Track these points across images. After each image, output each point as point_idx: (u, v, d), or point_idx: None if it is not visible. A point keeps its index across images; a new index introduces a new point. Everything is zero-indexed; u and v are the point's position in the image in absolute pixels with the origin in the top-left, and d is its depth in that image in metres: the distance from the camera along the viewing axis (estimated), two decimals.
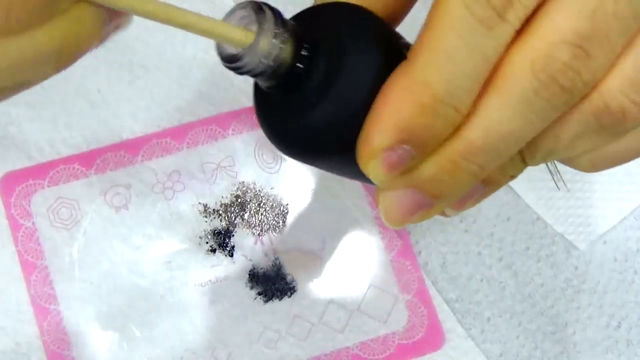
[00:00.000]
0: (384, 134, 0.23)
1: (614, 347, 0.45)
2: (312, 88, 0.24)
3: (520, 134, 0.23)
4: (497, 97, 0.22)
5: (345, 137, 0.24)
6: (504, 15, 0.22)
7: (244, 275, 0.44)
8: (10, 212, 0.44)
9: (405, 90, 0.22)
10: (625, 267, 0.46)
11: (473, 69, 0.22)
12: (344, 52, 0.24)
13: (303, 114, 0.24)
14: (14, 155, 0.45)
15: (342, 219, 0.45)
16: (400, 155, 0.23)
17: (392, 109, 0.22)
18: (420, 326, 0.44)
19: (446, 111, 0.22)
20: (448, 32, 0.22)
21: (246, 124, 0.46)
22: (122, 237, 0.44)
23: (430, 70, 0.22)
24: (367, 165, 0.23)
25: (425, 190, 0.24)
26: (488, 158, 0.23)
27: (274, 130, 0.26)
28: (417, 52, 0.22)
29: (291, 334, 0.44)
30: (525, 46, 0.22)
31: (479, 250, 0.46)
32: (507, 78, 0.22)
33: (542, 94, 0.22)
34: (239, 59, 0.23)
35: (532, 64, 0.22)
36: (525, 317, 0.45)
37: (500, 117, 0.22)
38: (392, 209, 0.25)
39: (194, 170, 0.45)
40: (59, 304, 0.43)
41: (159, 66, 0.46)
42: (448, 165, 0.23)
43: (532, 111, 0.22)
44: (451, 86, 0.22)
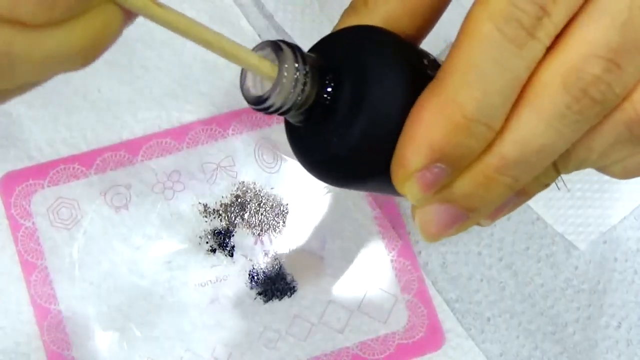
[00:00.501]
0: (418, 155, 0.23)
1: (614, 347, 0.45)
2: (340, 117, 0.24)
3: (553, 147, 0.23)
4: (529, 112, 0.23)
5: (379, 159, 0.24)
6: (534, 33, 0.22)
7: (244, 275, 0.44)
8: (10, 212, 0.44)
9: (436, 110, 0.23)
10: (625, 267, 0.46)
11: (504, 87, 0.22)
12: (367, 78, 0.24)
13: (336, 142, 0.25)
14: (14, 155, 0.45)
15: (342, 219, 0.45)
16: (435, 174, 0.23)
17: (425, 129, 0.23)
18: (420, 326, 0.44)
19: (479, 129, 0.23)
20: (479, 53, 0.22)
21: (246, 124, 0.46)
22: (122, 237, 0.44)
23: (461, 90, 0.22)
24: (404, 187, 0.24)
25: (461, 205, 0.25)
26: (522, 171, 0.24)
27: (309, 161, 0.26)
28: (448, 72, 0.23)
29: (291, 334, 0.44)
30: (556, 61, 0.22)
31: (479, 250, 0.46)
32: (538, 93, 0.23)
33: (574, 107, 0.22)
34: (265, 99, 0.24)
35: (564, 79, 0.22)
36: (525, 317, 0.45)
37: (534, 132, 0.23)
38: (429, 224, 0.26)
39: (194, 170, 0.45)
40: (59, 304, 0.43)
41: (159, 66, 0.46)
42: (483, 180, 0.24)
43: (565, 125, 0.23)
44: (483, 105, 0.22)
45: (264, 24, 0.47)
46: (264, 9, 0.47)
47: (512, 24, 0.22)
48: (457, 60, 0.23)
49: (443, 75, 0.23)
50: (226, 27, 0.46)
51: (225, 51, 0.23)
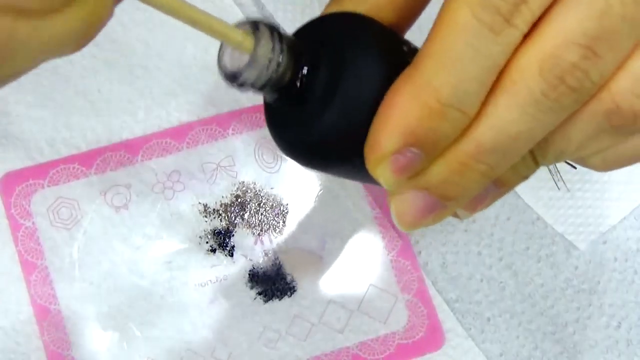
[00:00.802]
0: (391, 138, 0.23)
1: (614, 347, 0.45)
2: (316, 98, 0.25)
3: (529, 134, 0.23)
4: (505, 99, 0.23)
5: (353, 144, 0.24)
6: (511, 20, 0.22)
7: (244, 275, 0.44)
8: (10, 212, 0.44)
9: (411, 94, 0.23)
10: (625, 267, 0.46)
11: (480, 73, 0.22)
12: (343, 62, 0.24)
13: (309, 125, 0.25)
14: (14, 155, 0.45)
15: (342, 219, 0.45)
16: (408, 159, 0.23)
17: (399, 112, 0.23)
18: (420, 326, 0.44)
19: (453, 114, 0.22)
20: (455, 38, 0.22)
21: (246, 124, 0.46)
22: (122, 237, 0.44)
23: (436, 75, 0.22)
24: (376, 170, 0.24)
25: (436, 192, 0.25)
26: (498, 158, 0.24)
27: (284, 142, 0.27)
28: (424, 57, 0.23)
29: (291, 334, 0.44)
30: (533, 48, 0.22)
31: (479, 250, 0.46)
32: (514, 80, 0.22)
33: (551, 94, 0.22)
34: (240, 74, 0.24)
35: (540, 65, 0.22)
36: (525, 317, 0.45)
37: (509, 118, 0.23)
38: (405, 212, 0.25)
39: (194, 170, 0.45)
40: (59, 304, 0.43)
41: (159, 66, 0.46)
42: (458, 167, 0.24)
43: (541, 111, 0.23)
44: (458, 90, 0.22)
45: None
46: (264, 9, 0.47)
47: (489, 10, 0.22)
48: (433, 45, 0.22)
49: (419, 60, 0.23)
50: None
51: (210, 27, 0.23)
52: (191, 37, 0.46)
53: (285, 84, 0.25)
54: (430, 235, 0.46)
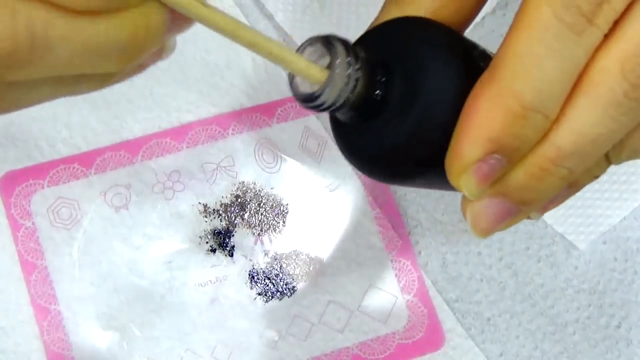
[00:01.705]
0: (474, 146, 0.22)
1: (614, 347, 0.45)
2: (392, 111, 0.24)
3: (609, 136, 0.23)
4: (586, 101, 0.22)
5: (431, 156, 0.24)
6: (593, 20, 0.22)
7: (244, 275, 0.44)
8: (10, 212, 0.44)
9: (493, 99, 0.22)
10: (625, 267, 0.46)
11: (562, 75, 0.22)
12: (419, 71, 0.24)
13: (386, 139, 0.24)
14: (14, 155, 0.45)
15: (342, 219, 0.45)
16: (491, 166, 0.23)
17: (482, 119, 0.22)
18: (420, 326, 0.44)
19: (536, 118, 0.22)
20: (536, 40, 0.22)
21: (246, 124, 0.46)
22: (122, 237, 0.44)
23: (518, 79, 0.22)
24: (459, 179, 0.23)
25: (515, 197, 0.24)
26: (578, 161, 0.23)
27: (359, 157, 0.26)
28: (504, 60, 0.22)
29: (291, 334, 0.44)
30: (614, 48, 0.22)
31: (479, 250, 0.46)
32: (595, 81, 0.22)
33: (632, 94, 0.22)
34: (317, 97, 0.23)
35: (622, 66, 0.22)
36: (525, 317, 0.45)
37: (590, 121, 0.22)
38: (481, 219, 0.25)
39: (194, 170, 0.45)
40: (59, 304, 0.43)
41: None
42: (538, 172, 0.23)
43: (622, 113, 0.22)
44: (540, 93, 0.22)
45: (264, 24, 0.47)
46: (264, 9, 0.47)
47: (571, 11, 0.21)
48: (513, 47, 0.22)
49: (499, 63, 0.22)
50: None
51: (272, 55, 0.22)
52: (191, 37, 0.46)
53: (363, 100, 0.24)
54: (430, 235, 0.46)
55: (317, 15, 0.46)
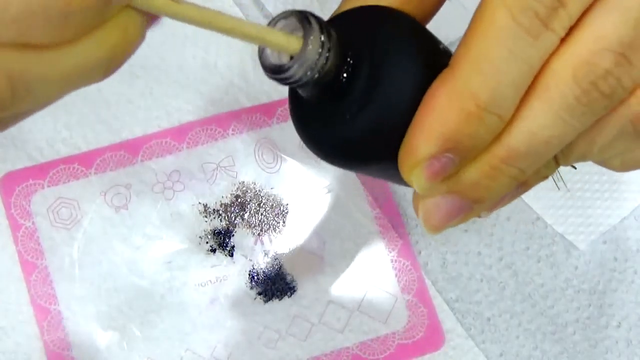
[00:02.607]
0: (428, 143, 0.23)
1: (614, 347, 0.45)
2: (354, 96, 0.24)
3: (560, 138, 0.23)
4: (539, 104, 0.23)
5: (387, 144, 0.24)
6: (549, 24, 0.22)
7: (244, 275, 0.44)
8: (10, 212, 0.44)
9: (450, 98, 0.22)
10: (625, 267, 0.46)
11: (517, 78, 0.22)
12: (386, 61, 0.24)
13: (345, 122, 0.24)
14: (14, 155, 0.45)
15: (342, 219, 0.45)
16: (443, 164, 0.23)
17: (437, 117, 0.23)
18: (420, 326, 0.44)
19: (491, 119, 0.23)
20: (493, 42, 0.22)
21: (246, 124, 0.46)
22: (122, 237, 0.44)
23: (475, 79, 0.22)
24: (410, 174, 0.24)
25: (466, 195, 0.25)
26: (529, 162, 0.24)
27: (313, 137, 0.26)
28: (462, 61, 0.23)
29: (291, 334, 0.44)
30: (568, 53, 0.22)
31: (479, 250, 0.46)
32: (549, 85, 0.23)
33: (583, 100, 0.22)
34: (286, 69, 0.23)
35: (574, 71, 0.22)
36: (525, 317, 0.45)
37: (542, 123, 0.23)
38: (433, 215, 0.25)
39: (194, 170, 0.45)
40: (59, 304, 0.43)
41: (159, 66, 0.46)
42: (490, 171, 0.24)
43: (573, 117, 0.23)
44: (496, 94, 0.22)
45: (264, 24, 0.47)
46: (264, 9, 0.47)
47: (527, 14, 0.22)
48: (471, 48, 0.22)
49: (456, 63, 0.23)
50: None
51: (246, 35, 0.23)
52: (191, 37, 0.46)
53: (329, 80, 0.24)
54: (430, 235, 0.46)
55: None
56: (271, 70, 0.24)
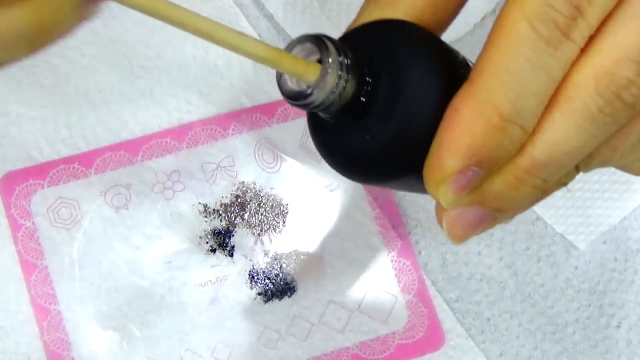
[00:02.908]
0: (454, 158, 0.23)
1: (614, 347, 0.45)
2: (375, 114, 0.24)
3: (582, 148, 0.23)
4: (561, 115, 0.23)
5: (410, 160, 0.24)
6: (569, 34, 0.22)
7: (244, 275, 0.44)
8: (10, 212, 0.44)
9: (473, 111, 0.22)
10: (625, 267, 0.46)
11: (539, 88, 0.22)
12: (405, 76, 0.24)
13: (367, 141, 0.24)
14: (14, 155, 0.45)
15: (342, 219, 0.45)
16: (469, 177, 0.23)
17: (461, 131, 0.23)
18: (420, 326, 0.44)
19: (514, 131, 0.23)
20: (514, 53, 0.22)
21: (246, 124, 0.46)
22: (122, 237, 0.44)
23: (497, 91, 0.22)
24: (437, 190, 0.24)
25: (491, 205, 0.25)
26: (552, 172, 0.24)
27: (335, 156, 0.26)
28: (483, 72, 0.23)
29: (291, 334, 0.44)
30: (589, 64, 0.22)
31: (479, 250, 0.46)
32: (571, 96, 0.23)
33: (606, 110, 0.23)
34: (306, 96, 0.23)
35: (596, 82, 0.22)
36: (525, 317, 0.45)
37: (565, 134, 0.23)
38: (457, 226, 0.25)
39: (194, 170, 0.45)
40: (59, 304, 0.43)
41: (159, 66, 0.46)
42: (514, 182, 0.24)
43: (596, 127, 0.23)
44: (518, 106, 0.22)
45: (264, 24, 0.47)
46: (264, 9, 0.47)
47: (547, 24, 0.22)
48: (491, 60, 0.22)
49: (478, 75, 0.23)
50: None
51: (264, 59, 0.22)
52: (191, 37, 0.46)
53: (349, 101, 0.24)
54: (430, 235, 0.46)
55: (316, 15, 0.46)
56: (291, 96, 0.23)
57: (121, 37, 0.46)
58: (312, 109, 0.23)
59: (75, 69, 0.46)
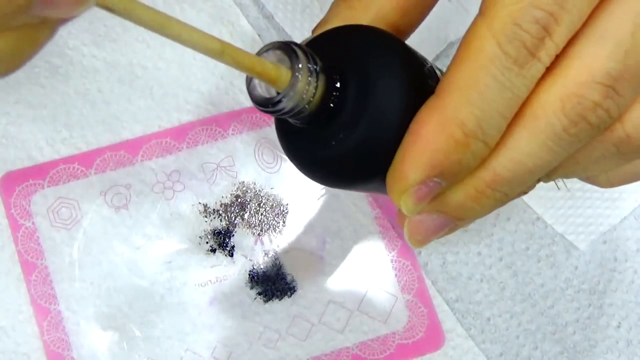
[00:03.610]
0: (417, 170, 0.23)
1: (614, 347, 0.45)
2: (342, 121, 0.24)
3: (545, 165, 0.24)
4: (526, 133, 0.23)
5: (375, 166, 0.25)
6: (536, 53, 0.22)
7: (244, 275, 0.44)
8: (10, 212, 0.44)
9: (437, 126, 0.23)
10: (625, 267, 0.46)
11: (504, 106, 0.23)
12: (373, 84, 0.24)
13: (333, 146, 0.25)
14: (14, 155, 0.45)
15: (342, 219, 0.45)
16: (430, 188, 0.24)
17: (425, 145, 0.23)
18: (420, 326, 0.44)
19: (477, 146, 0.23)
20: (481, 71, 0.22)
21: (246, 124, 0.46)
22: (122, 237, 0.44)
23: (462, 107, 0.22)
24: (399, 199, 0.24)
25: (451, 214, 0.25)
26: (513, 186, 0.24)
27: (301, 159, 0.26)
28: (449, 89, 0.23)
29: (291, 334, 0.44)
30: (556, 84, 0.23)
31: (479, 250, 0.46)
32: (536, 115, 0.23)
33: (571, 130, 0.23)
34: (275, 103, 0.23)
35: (563, 103, 0.22)
36: (525, 317, 0.45)
37: (529, 151, 0.23)
38: (417, 232, 0.26)
39: (194, 170, 0.45)
40: (59, 304, 0.43)
41: (159, 66, 0.46)
42: (475, 194, 0.24)
43: (560, 145, 0.23)
44: (482, 122, 0.23)
45: (264, 24, 0.47)
46: (264, 9, 0.47)
47: (515, 44, 0.22)
48: (458, 76, 0.23)
49: (444, 91, 0.23)
50: (226, 27, 0.46)
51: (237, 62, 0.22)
52: None
53: (318, 107, 0.24)
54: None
55: (316, 15, 0.46)
56: (260, 103, 0.24)
57: (121, 37, 0.46)
58: (281, 115, 0.23)
59: (75, 69, 0.46)
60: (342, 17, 0.26)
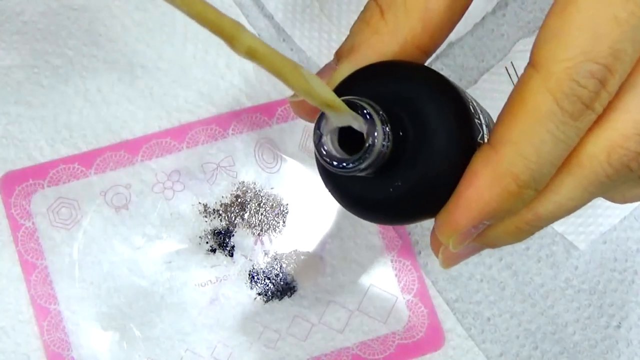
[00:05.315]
0: (469, 218, 0.24)
1: (614, 347, 0.45)
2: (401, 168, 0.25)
3: (583, 205, 0.25)
4: (571, 180, 0.24)
5: (428, 210, 0.26)
6: (590, 105, 0.23)
7: (244, 275, 0.44)
8: (10, 212, 0.44)
9: (492, 179, 0.24)
10: (625, 267, 0.46)
11: (557, 157, 0.23)
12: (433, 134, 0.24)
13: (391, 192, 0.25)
14: (14, 155, 0.45)
15: (342, 219, 0.45)
16: (478, 229, 0.25)
17: (479, 196, 0.24)
18: (420, 326, 0.44)
19: (529, 195, 0.24)
20: (537, 126, 0.23)
21: (246, 124, 0.46)
22: (122, 237, 0.44)
23: (517, 162, 0.23)
24: (448, 240, 0.25)
25: (486, 244, 0.27)
26: (549, 223, 0.26)
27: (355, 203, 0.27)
28: (503, 141, 0.23)
29: (291, 334, 0.44)
30: (603, 136, 0.23)
31: None
32: (583, 164, 0.24)
33: (613, 177, 0.24)
34: (350, 163, 0.23)
35: (608, 155, 0.23)
36: (525, 317, 0.45)
37: (571, 196, 0.24)
38: (452, 258, 0.28)
39: (194, 170, 0.45)
40: (59, 304, 0.43)
41: (159, 66, 0.46)
42: (514, 230, 0.26)
43: (600, 189, 0.24)
44: (536, 174, 0.23)
45: (264, 24, 0.47)
46: (264, 9, 0.47)
47: (572, 99, 0.22)
48: (513, 130, 0.23)
49: (498, 143, 0.23)
50: None
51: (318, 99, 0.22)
52: (191, 37, 0.46)
53: (387, 161, 0.24)
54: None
55: (316, 15, 0.46)
56: (335, 163, 0.24)
57: (121, 37, 0.46)
58: (353, 173, 0.24)
59: (74, 69, 0.46)
60: (370, 45, 0.26)
